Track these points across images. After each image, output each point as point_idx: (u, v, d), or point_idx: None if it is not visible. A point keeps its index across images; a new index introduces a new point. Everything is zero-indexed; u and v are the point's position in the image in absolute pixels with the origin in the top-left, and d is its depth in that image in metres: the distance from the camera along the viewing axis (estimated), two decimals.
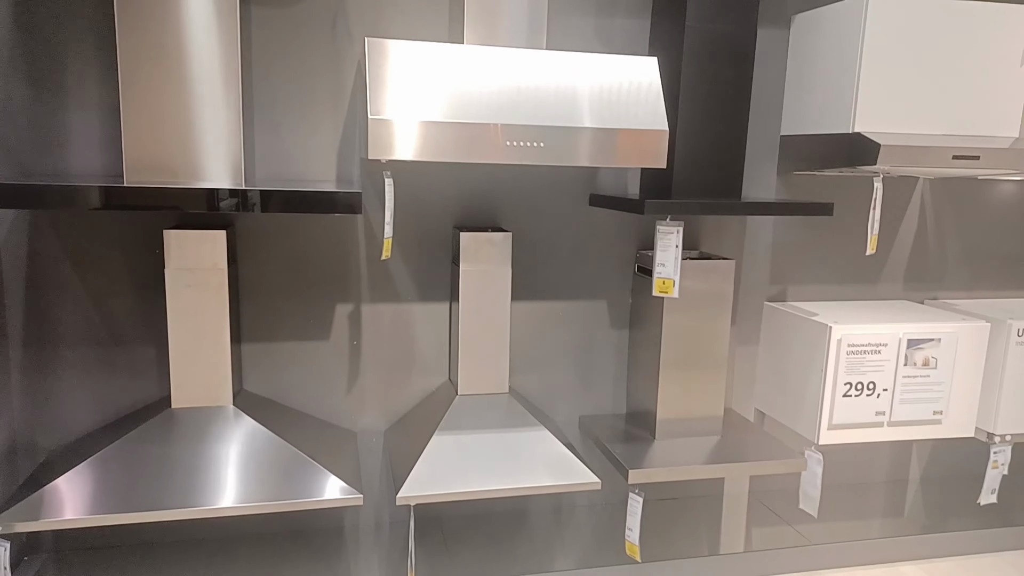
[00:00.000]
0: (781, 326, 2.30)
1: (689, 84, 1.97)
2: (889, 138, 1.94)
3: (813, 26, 2.15)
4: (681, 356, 2.11)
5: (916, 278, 2.52)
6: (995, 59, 2.02)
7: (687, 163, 2.01)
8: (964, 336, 2.14)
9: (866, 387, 2.09)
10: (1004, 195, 2.53)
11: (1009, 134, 2.07)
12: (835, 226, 2.41)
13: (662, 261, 1.93)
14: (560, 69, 1.75)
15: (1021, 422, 2.23)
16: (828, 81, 2.08)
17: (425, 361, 2.17)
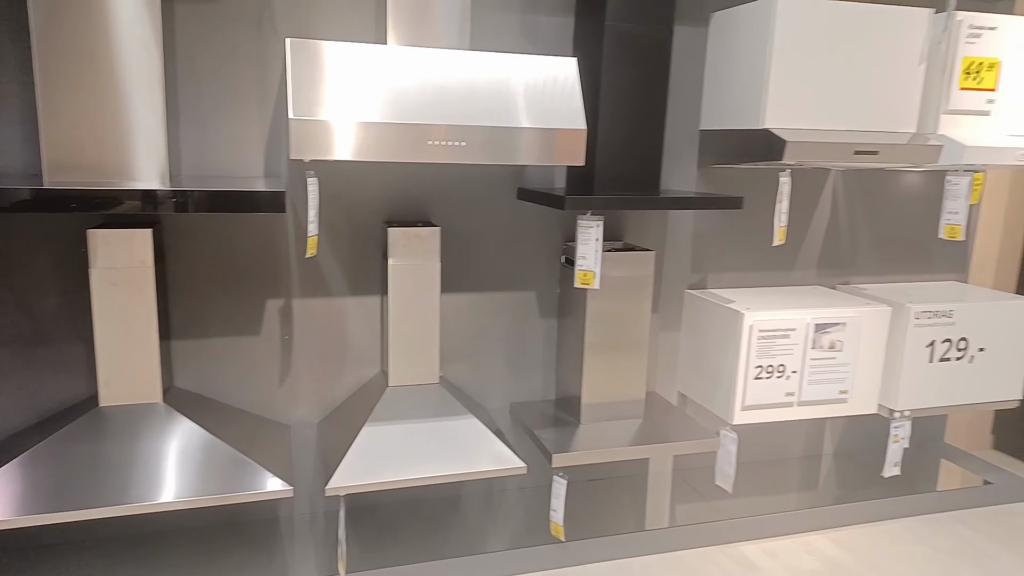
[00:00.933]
0: (700, 313, 2.41)
1: (609, 82, 2.05)
2: (795, 134, 2.05)
3: (729, 25, 2.24)
4: (604, 343, 2.20)
5: (829, 264, 2.67)
6: (895, 59, 2.15)
7: (608, 159, 2.09)
8: (867, 320, 2.29)
9: (776, 369, 2.22)
10: (909, 185, 2.69)
11: (907, 130, 2.21)
12: (752, 216, 2.53)
13: (583, 254, 2.01)
14: (482, 69, 1.80)
15: (919, 398, 2.40)
16: (741, 78, 2.18)
17: (357, 354, 2.21)
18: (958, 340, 2.41)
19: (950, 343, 2.40)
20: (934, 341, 2.37)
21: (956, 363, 2.42)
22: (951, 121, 2.24)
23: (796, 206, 2.58)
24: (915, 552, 2.30)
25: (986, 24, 2.19)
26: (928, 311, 2.34)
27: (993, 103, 2.25)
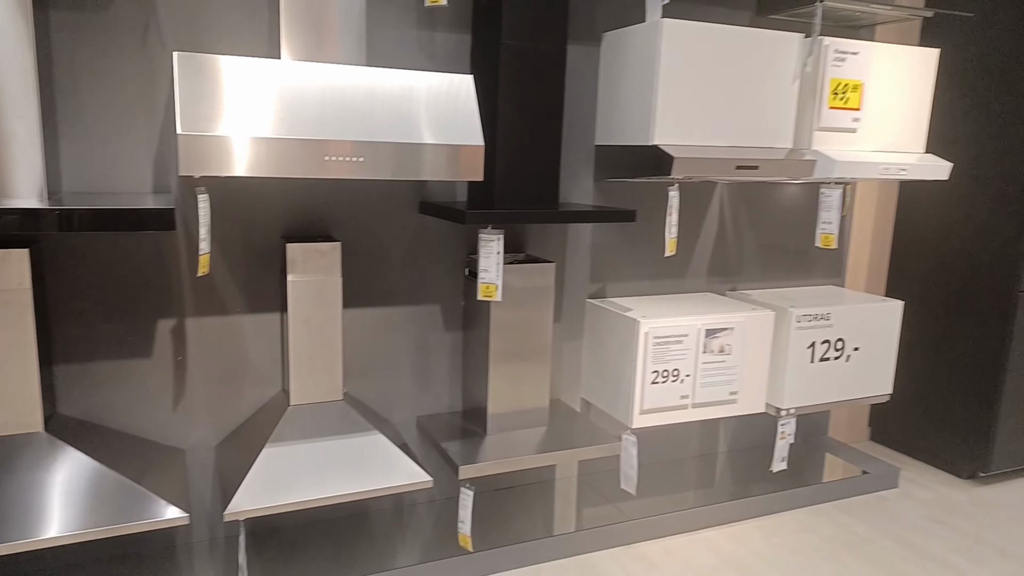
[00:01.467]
0: (600, 321, 2.50)
1: (507, 98, 2.09)
2: (682, 150, 2.16)
3: (619, 45, 2.34)
4: (509, 353, 2.24)
5: (718, 271, 2.81)
6: (771, 80, 2.30)
7: (508, 173, 2.14)
8: (753, 324, 2.43)
9: (671, 374, 2.33)
10: (789, 196, 2.88)
11: (784, 145, 2.37)
12: (647, 227, 2.64)
13: (485, 267, 2.04)
14: (380, 84, 1.81)
15: (802, 397, 2.56)
16: (632, 97, 2.28)
17: (256, 373, 2.16)
18: (836, 341, 2.59)
19: (828, 344, 2.58)
20: (814, 342, 2.55)
21: (835, 362, 2.60)
22: (823, 137, 2.42)
23: (687, 217, 2.71)
24: (801, 541, 2.45)
25: (849, 49, 2.38)
26: (808, 314, 2.51)
27: (859, 121, 2.44)
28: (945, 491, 2.90)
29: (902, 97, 2.49)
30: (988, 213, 2.85)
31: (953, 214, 2.98)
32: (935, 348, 3.08)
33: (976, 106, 2.88)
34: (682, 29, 2.15)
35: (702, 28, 2.17)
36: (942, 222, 3.02)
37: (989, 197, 2.84)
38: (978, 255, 2.89)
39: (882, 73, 2.44)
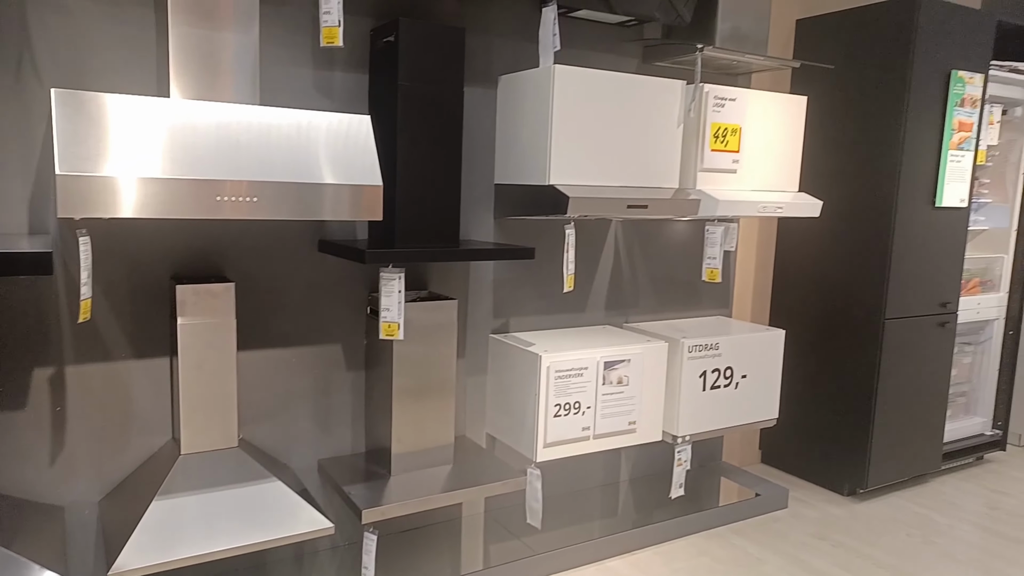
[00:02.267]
0: (503, 356, 2.53)
1: (405, 138, 2.12)
2: (577, 190, 2.24)
3: (515, 88, 2.42)
4: (412, 390, 2.23)
5: (615, 305, 2.91)
6: (658, 123, 2.43)
7: (408, 212, 2.15)
8: (649, 355, 2.53)
9: (573, 407, 2.38)
10: (679, 232, 3.03)
11: (671, 185, 2.50)
12: (547, 263, 2.71)
13: (387, 306, 2.04)
14: (274, 123, 1.79)
15: (696, 424, 2.67)
16: (528, 138, 2.35)
17: (144, 421, 2.06)
18: (725, 369, 2.73)
19: (719, 372, 2.71)
20: (705, 371, 2.67)
21: (725, 390, 2.74)
22: (707, 178, 2.58)
23: (585, 252, 2.80)
24: (699, 565, 2.53)
25: (728, 96, 2.55)
26: (699, 345, 2.63)
27: (738, 163, 2.62)
28: (829, 508, 3.08)
29: (776, 140, 2.69)
30: (856, 247, 3.10)
31: (826, 248, 3.21)
32: (815, 373, 3.29)
33: (841, 147, 3.14)
34: (573, 75, 2.25)
35: (592, 75, 2.28)
36: (816, 255, 3.25)
37: (856, 232, 3.09)
38: (849, 286, 3.13)
39: (758, 118, 2.63)
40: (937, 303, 3.20)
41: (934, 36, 2.93)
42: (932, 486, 3.39)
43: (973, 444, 3.63)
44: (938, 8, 2.92)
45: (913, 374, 3.18)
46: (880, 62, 2.98)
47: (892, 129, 2.95)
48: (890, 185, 2.97)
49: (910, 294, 3.09)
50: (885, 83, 2.97)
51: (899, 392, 3.14)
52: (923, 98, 2.96)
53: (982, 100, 3.14)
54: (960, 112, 3.06)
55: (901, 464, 3.23)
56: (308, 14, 2.16)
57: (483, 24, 2.45)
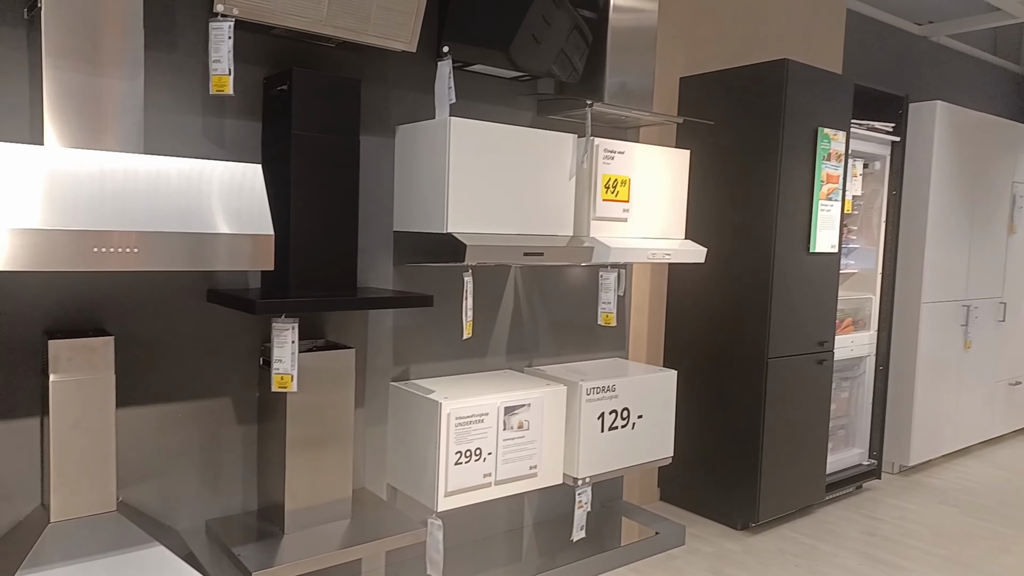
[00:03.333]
0: (403, 404, 2.50)
1: (299, 186, 2.10)
2: (474, 238, 2.28)
3: (412, 138, 2.45)
4: (308, 442, 2.17)
5: (516, 349, 2.95)
6: (553, 173, 2.52)
7: (302, 261, 2.12)
8: (548, 399, 2.57)
9: (474, 453, 2.38)
10: (576, 277, 3.12)
11: (566, 233, 2.58)
12: (448, 309, 2.72)
13: (279, 357, 1.99)
14: (159, 172, 1.74)
15: (596, 465, 2.72)
16: (426, 187, 2.38)
17: (7, 488, 1.90)
18: (622, 410, 2.80)
19: (616, 413, 2.78)
20: (603, 413, 2.73)
21: (622, 430, 2.81)
22: (599, 226, 2.68)
23: (485, 297, 2.84)
24: None
25: (617, 149, 2.68)
26: (596, 387, 2.70)
27: (628, 212, 2.74)
28: (723, 543, 3.19)
29: (663, 190, 2.84)
30: (740, 290, 3.28)
31: (712, 291, 3.39)
32: (707, 411, 3.42)
33: (723, 197, 3.34)
34: (469, 127, 2.30)
35: (487, 127, 2.34)
36: (704, 298, 3.42)
37: (739, 276, 3.28)
38: (734, 327, 3.30)
39: (645, 169, 2.77)
40: (815, 342, 3.42)
41: (802, 96, 3.20)
42: (817, 516, 3.56)
43: (853, 474, 3.86)
44: (805, 72, 3.20)
45: (796, 410, 3.36)
46: (756, 119, 3.21)
47: (768, 180, 3.18)
48: (768, 233, 3.18)
49: (790, 334, 3.29)
50: (761, 138, 3.20)
51: (784, 427, 3.31)
52: (795, 152, 3.20)
53: (846, 155, 3.43)
54: (827, 165, 3.33)
55: (789, 497, 3.39)
56: (199, 61, 2.12)
57: (381, 75, 2.48)
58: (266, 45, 2.24)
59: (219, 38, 1.92)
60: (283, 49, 2.27)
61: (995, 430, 4.91)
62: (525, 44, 2.53)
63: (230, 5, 1.91)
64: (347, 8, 2.12)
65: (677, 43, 3.54)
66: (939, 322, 4.30)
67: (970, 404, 4.64)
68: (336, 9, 2.10)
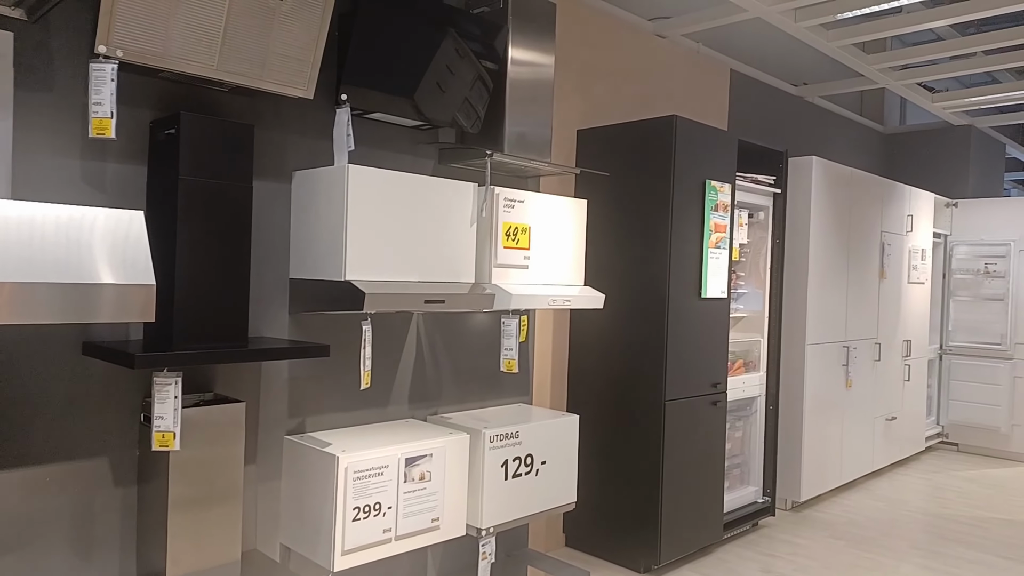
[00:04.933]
0: (298, 459, 2.40)
1: (187, 234, 2.02)
2: (373, 286, 2.25)
3: (309, 184, 2.41)
4: (192, 504, 2.04)
5: (419, 397, 2.90)
6: (454, 221, 2.53)
7: (188, 311, 2.02)
8: (451, 448, 2.53)
9: (373, 508, 2.30)
10: (479, 323, 3.12)
11: (468, 280, 2.59)
12: (346, 358, 2.65)
13: (161, 414, 1.87)
14: (32, 219, 1.63)
15: (500, 514, 2.69)
16: (323, 234, 2.34)
17: None
18: (525, 457, 2.79)
19: (519, 460, 2.77)
20: (507, 460, 2.72)
21: (526, 477, 2.80)
22: (501, 273, 2.70)
23: (386, 345, 2.79)
24: None
25: (517, 198, 2.73)
26: (499, 434, 2.69)
27: (529, 259, 2.78)
28: None
29: (563, 238, 2.91)
30: (637, 335, 3.37)
31: (612, 336, 3.47)
32: (608, 455, 3.47)
33: (620, 245, 3.46)
34: (368, 175, 2.29)
35: (387, 175, 2.34)
36: (605, 343, 3.50)
37: (637, 322, 3.38)
38: (634, 371, 3.38)
39: (545, 218, 2.84)
40: (709, 384, 3.55)
41: (690, 151, 3.37)
42: (717, 555, 3.65)
43: (749, 512, 3.98)
44: (692, 128, 3.38)
45: (693, 451, 3.46)
46: (648, 171, 3.36)
47: (661, 229, 3.31)
48: (662, 279, 3.30)
49: (686, 377, 3.40)
50: (653, 189, 3.34)
51: (682, 469, 3.40)
52: (685, 203, 3.36)
53: (732, 205, 3.63)
54: (715, 215, 3.51)
55: (689, 537, 3.46)
56: (78, 101, 2.02)
57: (277, 120, 2.44)
58: (153, 87, 2.16)
59: (101, 80, 1.84)
60: (172, 92, 2.20)
61: (875, 463, 5.21)
62: (430, 92, 2.56)
63: (113, 47, 1.84)
64: (241, 54, 2.09)
65: (574, 97, 3.68)
66: (822, 362, 4.56)
67: (852, 440, 4.92)
68: (229, 55, 2.07)
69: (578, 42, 3.70)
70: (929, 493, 4.93)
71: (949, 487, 5.09)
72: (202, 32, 2.00)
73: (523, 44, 2.86)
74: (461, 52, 2.60)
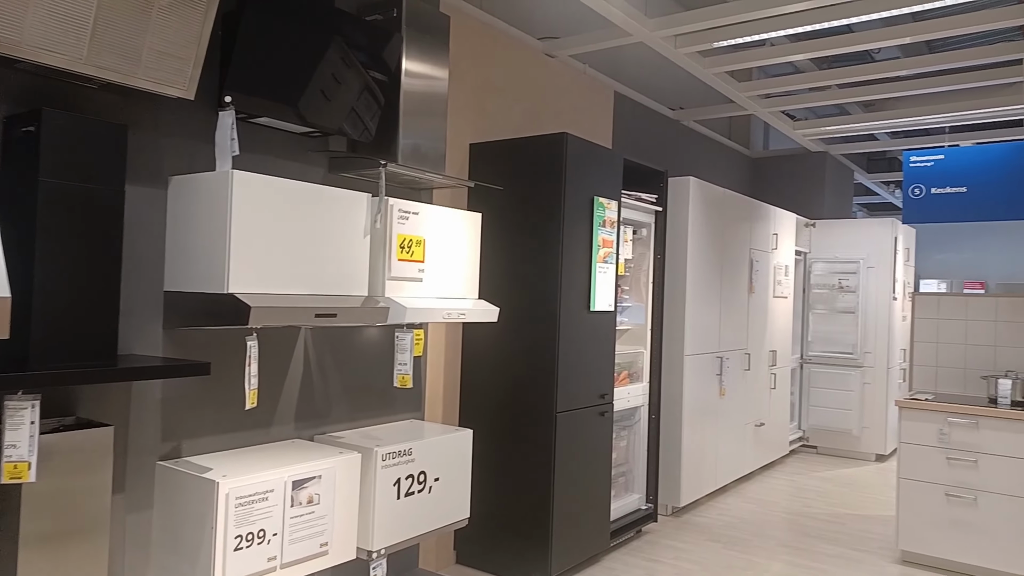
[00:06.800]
0: (173, 486, 2.23)
1: (47, 241, 1.83)
2: (259, 299, 2.13)
3: (189, 190, 2.25)
4: (49, 542, 1.83)
5: (306, 416, 2.78)
6: (346, 232, 2.45)
7: (47, 327, 1.83)
8: (340, 469, 2.43)
9: (257, 536, 2.17)
10: (371, 337, 3.03)
11: (360, 293, 2.51)
12: (228, 375, 2.50)
13: (13, 441, 1.67)
14: None
15: (392, 535, 2.61)
16: (204, 244, 2.19)
17: None
18: (418, 474, 2.73)
19: (412, 478, 2.70)
20: (399, 479, 2.65)
21: (419, 495, 2.73)
22: (395, 286, 2.64)
23: (272, 362, 2.65)
24: None
25: (412, 209, 2.68)
26: (392, 452, 2.61)
27: (423, 272, 2.73)
28: None
29: (457, 251, 2.88)
30: (529, 348, 3.40)
31: (505, 349, 3.48)
32: (501, 470, 3.47)
33: (513, 259, 3.48)
34: (254, 181, 2.17)
35: (275, 183, 2.23)
36: (497, 356, 3.50)
37: (529, 334, 3.40)
38: (525, 383, 3.40)
39: (440, 230, 2.80)
40: (597, 395, 3.63)
41: (580, 168, 3.45)
42: (604, 563, 3.72)
43: (633, 519, 4.10)
44: (582, 145, 3.46)
45: (582, 461, 3.52)
46: (540, 186, 3.41)
47: (553, 244, 3.36)
48: (554, 293, 3.35)
49: (575, 388, 3.46)
50: (545, 204, 3.39)
51: (572, 480, 3.44)
52: (575, 219, 3.43)
53: (618, 222, 3.74)
54: (603, 231, 3.61)
55: (578, 547, 3.51)
56: None
57: (153, 120, 2.27)
58: (10, 80, 1.95)
59: None
60: (33, 86, 2.00)
61: (746, 468, 5.52)
62: (315, 100, 2.47)
63: None
64: (113, 48, 1.93)
65: (467, 112, 3.68)
66: (699, 372, 4.79)
67: (726, 446, 5.19)
68: (99, 48, 1.90)
69: (471, 56, 3.71)
70: (793, 493, 5.28)
71: (810, 487, 5.47)
72: (68, 21, 1.83)
73: (418, 53, 2.82)
74: (348, 61, 2.53)
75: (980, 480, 3.75)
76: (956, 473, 3.81)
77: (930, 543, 3.88)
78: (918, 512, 3.91)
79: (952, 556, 3.82)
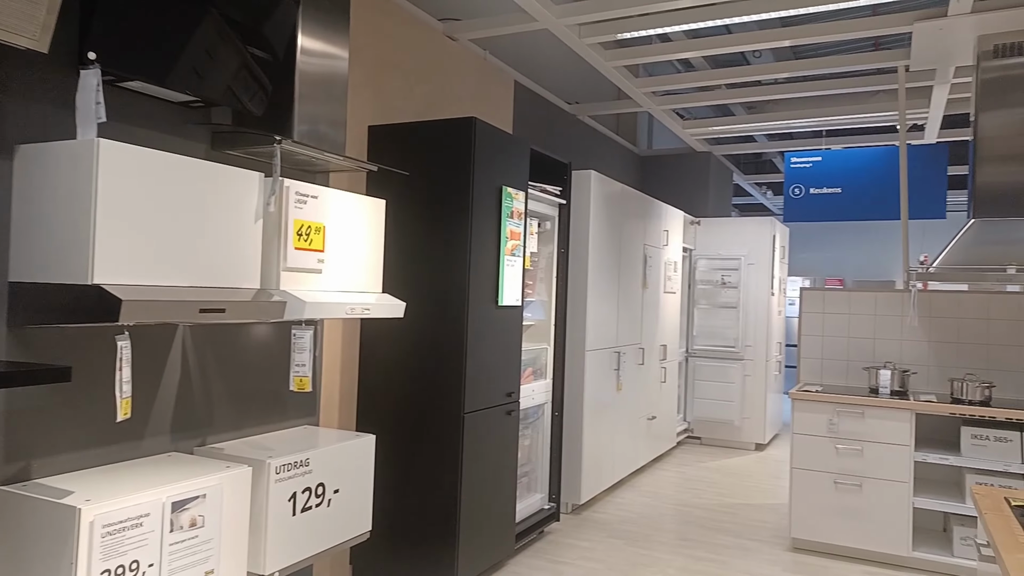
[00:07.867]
0: (21, 515, 1.86)
1: None
2: (132, 292, 1.81)
3: (42, 161, 1.89)
4: None
5: (184, 426, 2.44)
6: (235, 216, 2.15)
7: None
8: (228, 486, 2.14)
9: (128, 569, 1.84)
10: (259, 336, 2.72)
11: (252, 286, 2.21)
12: (91, 382, 2.13)
13: None
14: None
15: (287, 555, 2.34)
16: (62, 226, 1.84)
17: None
18: (316, 487, 2.47)
19: (310, 491, 2.44)
20: (295, 492, 2.37)
21: (317, 510, 2.47)
22: (291, 278, 2.36)
23: (143, 365, 2.30)
24: None
25: (310, 193, 2.41)
26: (287, 463, 2.34)
27: (323, 262, 2.47)
28: None
29: (360, 240, 2.63)
30: (436, 345, 3.20)
31: (408, 346, 3.25)
32: (403, 476, 3.24)
33: (418, 250, 3.26)
34: (125, 153, 1.85)
35: (151, 155, 1.91)
36: (400, 355, 3.27)
37: (435, 331, 3.20)
38: (431, 382, 3.20)
39: (341, 217, 2.55)
40: (504, 393, 3.48)
41: (488, 155, 3.29)
42: (509, 568, 3.58)
43: (536, 520, 3.99)
44: (490, 132, 3.30)
45: (489, 464, 3.36)
46: (446, 173, 3.21)
47: (461, 235, 3.18)
48: (462, 286, 3.16)
49: (483, 387, 3.30)
50: (452, 193, 3.20)
51: (479, 484, 3.28)
52: (483, 209, 3.26)
53: (525, 213, 3.61)
54: (511, 223, 3.46)
55: (484, 554, 3.34)
56: None
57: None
58: None
59: None
60: None
61: (639, 461, 5.58)
62: (197, 61, 2.15)
63: None
64: None
65: (365, 92, 3.42)
66: (599, 368, 4.75)
67: (622, 440, 5.20)
68: None
69: (370, 33, 3.45)
70: (684, 485, 5.38)
71: (699, 478, 5.60)
72: None
73: (314, 23, 2.55)
74: (224, 35, 2.22)
75: (864, 467, 3.93)
76: (843, 461, 3.98)
77: (820, 530, 4.03)
78: (809, 500, 4.05)
79: (840, 541, 3.99)
